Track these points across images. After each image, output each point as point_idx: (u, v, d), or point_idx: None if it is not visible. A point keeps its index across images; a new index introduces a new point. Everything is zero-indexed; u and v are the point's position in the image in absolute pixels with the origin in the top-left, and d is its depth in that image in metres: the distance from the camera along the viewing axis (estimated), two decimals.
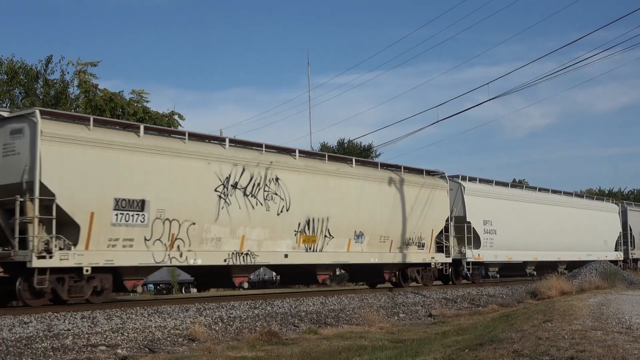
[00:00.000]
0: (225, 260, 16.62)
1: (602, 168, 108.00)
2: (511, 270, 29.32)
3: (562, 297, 18.39)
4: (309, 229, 18.76)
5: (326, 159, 19.96)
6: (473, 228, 25.36)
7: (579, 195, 34.49)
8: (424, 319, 17.33)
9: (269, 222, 17.71)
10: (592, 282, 22.20)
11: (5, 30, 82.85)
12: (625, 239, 36.56)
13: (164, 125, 23.50)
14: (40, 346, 10.76)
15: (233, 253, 16.78)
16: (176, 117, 26.24)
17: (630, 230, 37.15)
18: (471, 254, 25.13)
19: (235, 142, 17.79)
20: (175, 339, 12.35)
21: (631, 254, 36.71)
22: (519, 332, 10.38)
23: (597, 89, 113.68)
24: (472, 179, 26.69)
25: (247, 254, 17.12)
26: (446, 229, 24.14)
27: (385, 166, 22.44)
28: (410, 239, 22.31)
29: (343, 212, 19.80)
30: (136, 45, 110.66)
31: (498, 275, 28.05)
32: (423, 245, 22.90)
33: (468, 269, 25.11)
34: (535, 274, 29.74)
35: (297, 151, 18.87)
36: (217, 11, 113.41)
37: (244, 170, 17.13)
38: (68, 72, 27.10)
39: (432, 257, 23.32)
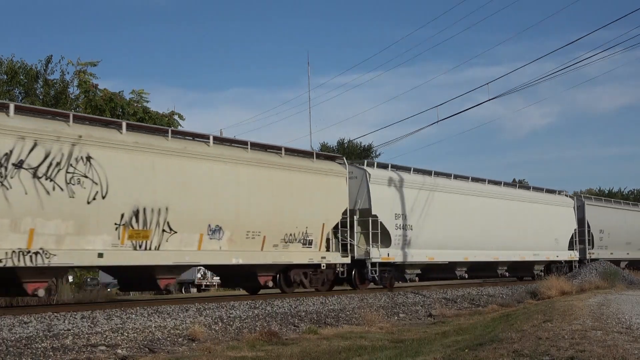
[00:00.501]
0: (1, 262, 12.86)
1: (602, 168, 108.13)
2: (438, 273, 25.61)
3: (562, 297, 18.40)
4: (137, 221, 14.97)
5: (169, 135, 16.10)
6: (381, 222, 21.12)
7: (525, 186, 29.88)
8: (424, 319, 17.33)
9: (73, 213, 13.97)
10: (592, 282, 22.24)
11: (5, 30, 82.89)
12: (581, 237, 32.05)
13: (163, 126, 23.44)
14: (40, 346, 10.75)
15: (15, 252, 13.03)
16: (176, 117, 26.27)
17: (589, 227, 32.43)
18: (378, 254, 20.96)
19: (27, 110, 14.27)
20: (175, 339, 12.35)
21: (589, 253, 32.13)
22: (519, 332, 10.38)
23: (597, 89, 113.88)
24: (381, 165, 22.49)
25: (38, 253, 13.39)
26: (344, 224, 20.32)
27: (260, 147, 18.51)
28: (292, 235, 18.53)
29: (191, 201, 16.08)
30: (136, 44, 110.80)
31: (417, 279, 23.86)
32: (310, 243, 19.06)
33: (374, 271, 20.97)
34: (466, 276, 25.99)
35: (124, 124, 15.19)
36: (217, 11, 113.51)
37: (35, 145, 13.49)
38: (68, 72, 27.13)
39: (323, 257, 19.49)
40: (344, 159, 21.18)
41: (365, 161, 22.20)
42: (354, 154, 45.55)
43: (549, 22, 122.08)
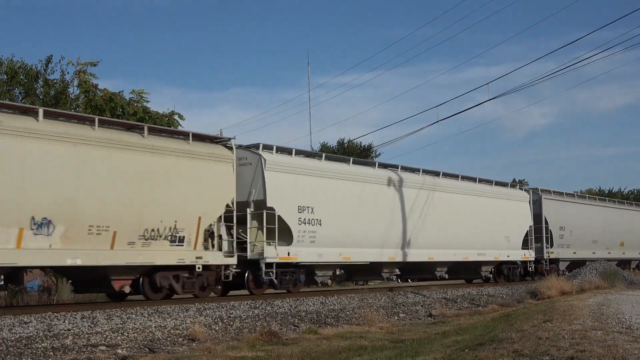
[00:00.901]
0: None
1: (602, 168, 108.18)
2: (363, 275, 22.85)
3: (562, 297, 18.41)
4: None
5: None
6: (279, 216, 17.98)
7: (469, 178, 26.10)
8: (424, 318, 17.35)
9: None
10: (592, 282, 22.25)
11: (5, 30, 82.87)
12: (538, 235, 28.93)
13: (164, 126, 23.40)
14: (40, 346, 10.76)
15: None
16: (176, 117, 26.28)
17: (547, 223, 29.40)
18: (274, 253, 17.81)
19: None
20: (175, 339, 12.36)
21: (547, 253, 29.37)
22: (519, 332, 10.38)
23: (597, 88, 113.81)
24: (283, 150, 19.10)
25: None
26: (230, 218, 17.29)
27: (114, 125, 15.69)
28: (155, 230, 15.43)
29: (5, 189, 13.16)
30: (136, 45, 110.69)
31: (330, 282, 20.36)
32: (182, 240, 16.03)
33: (270, 273, 17.82)
34: (394, 279, 23.01)
35: None
36: (217, 11, 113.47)
37: None
38: (68, 72, 27.16)
39: (198, 257, 16.39)
40: (232, 141, 17.66)
41: (261, 144, 18.48)
42: (354, 154, 45.49)
43: (549, 22, 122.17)
